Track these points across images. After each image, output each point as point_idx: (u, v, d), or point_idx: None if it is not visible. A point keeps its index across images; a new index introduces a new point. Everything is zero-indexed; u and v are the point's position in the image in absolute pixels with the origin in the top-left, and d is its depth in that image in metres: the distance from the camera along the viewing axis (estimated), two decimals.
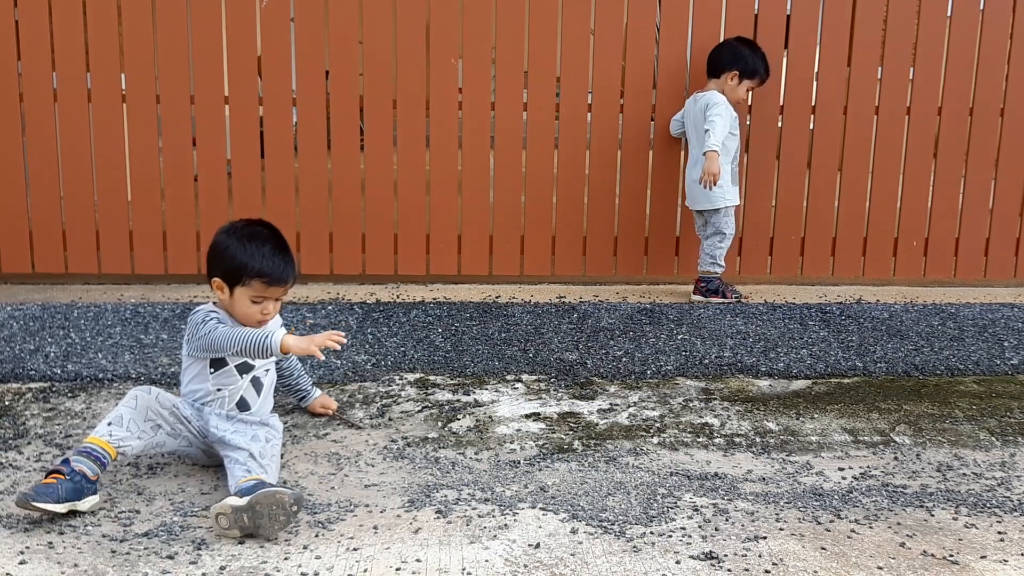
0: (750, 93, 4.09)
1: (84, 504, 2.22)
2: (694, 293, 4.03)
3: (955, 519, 2.34)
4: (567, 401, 3.05)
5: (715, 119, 3.81)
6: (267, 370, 2.59)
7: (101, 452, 2.28)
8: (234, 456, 2.36)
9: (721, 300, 3.97)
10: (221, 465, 2.44)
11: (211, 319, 2.46)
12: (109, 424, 2.33)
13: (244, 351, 2.41)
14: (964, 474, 2.60)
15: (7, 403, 2.91)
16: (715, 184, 3.80)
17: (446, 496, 2.39)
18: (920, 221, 4.36)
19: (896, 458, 2.70)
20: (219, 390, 2.50)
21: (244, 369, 2.52)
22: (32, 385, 3.06)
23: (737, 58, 3.96)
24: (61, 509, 2.18)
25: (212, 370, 2.50)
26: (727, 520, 2.29)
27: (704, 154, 3.80)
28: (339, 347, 2.43)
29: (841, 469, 2.62)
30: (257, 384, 2.54)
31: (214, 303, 2.54)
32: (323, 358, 2.57)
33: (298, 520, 2.24)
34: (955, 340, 3.64)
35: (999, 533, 2.27)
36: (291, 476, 2.49)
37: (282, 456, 2.60)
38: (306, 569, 2.02)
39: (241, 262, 2.44)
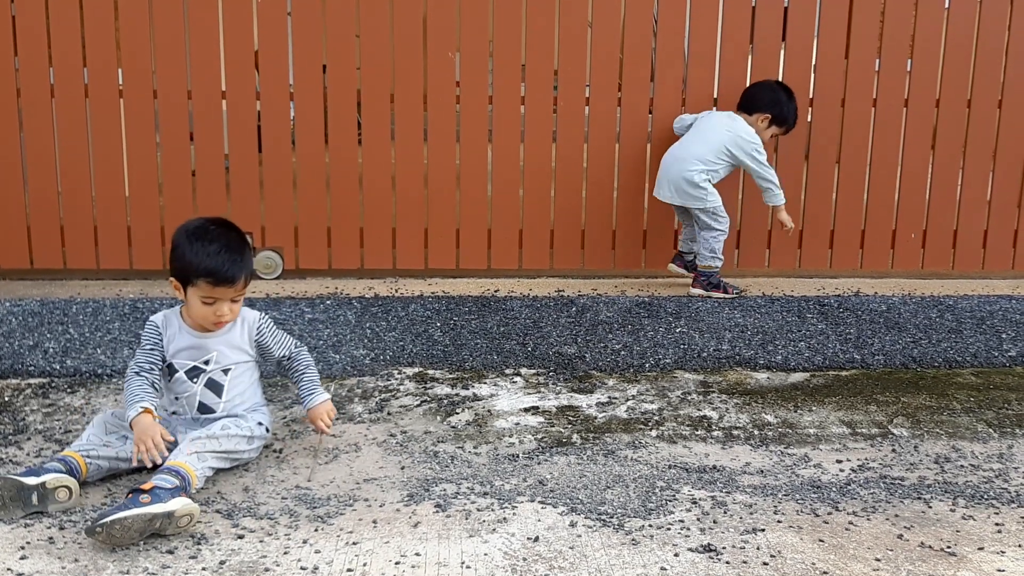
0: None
1: (47, 477, 2.22)
2: (693, 287, 4.02)
3: (953, 511, 2.34)
4: (566, 395, 3.05)
5: (766, 168, 3.90)
6: (226, 370, 2.52)
7: (66, 457, 2.32)
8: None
9: (722, 295, 3.96)
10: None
11: (146, 341, 2.48)
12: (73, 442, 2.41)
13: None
14: (962, 466, 2.61)
15: (6, 399, 2.92)
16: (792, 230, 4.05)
17: (445, 490, 2.39)
18: (918, 213, 4.36)
19: (894, 450, 2.70)
20: (177, 398, 2.51)
21: (194, 374, 2.49)
22: (31, 381, 3.06)
23: (774, 103, 3.95)
24: (30, 480, 2.21)
25: (168, 377, 2.51)
26: (725, 513, 2.30)
27: (774, 207, 3.99)
28: (151, 463, 2.30)
29: (839, 461, 2.62)
30: (214, 386, 2.51)
31: (181, 305, 2.53)
32: (140, 461, 2.32)
33: (297, 516, 2.25)
34: (953, 332, 3.64)
35: (996, 524, 2.28)
36: (289, 470, 2.50)
37: (280, 451, 2.60)
38: (306, 563, 2.03)
39: (187, 260, 2.40)
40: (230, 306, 2.46)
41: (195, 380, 2.49)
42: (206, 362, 2.50)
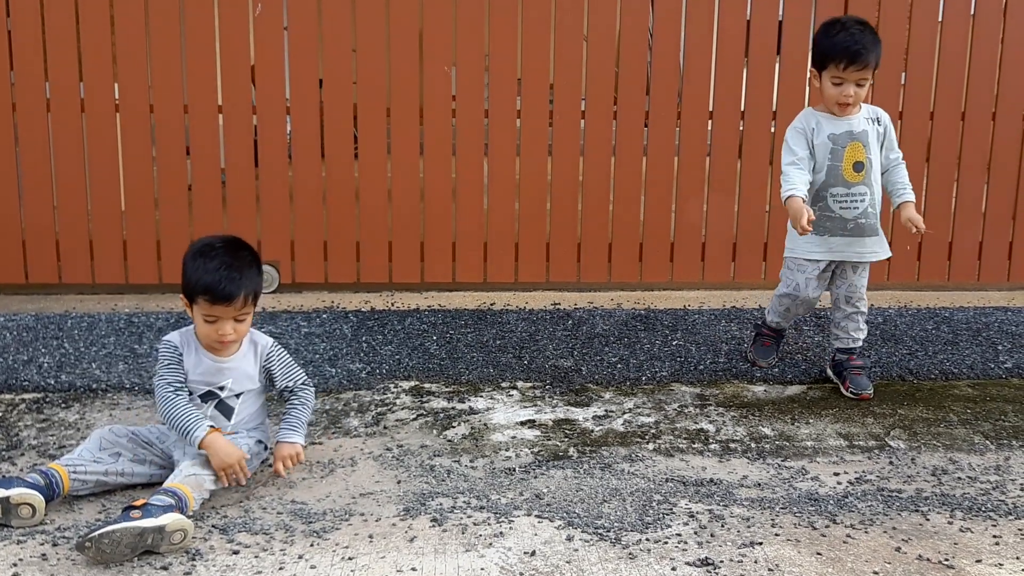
0: (855, 87, 3.01)
1: (12, 491, 2.21)
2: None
3: (950, 523, 2.34)
4: (562, 408, 3.05)
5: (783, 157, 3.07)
6: (239, 395, 2.50)
7: (49, 470, 2.30)
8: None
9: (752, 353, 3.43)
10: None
11: (166, 359, 2.44)
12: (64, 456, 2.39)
13: (169, 428, 2.41)
14: (959, 478, 2.61)
15: (0, 414, 2.91)
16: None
17: (441, 504, 2.39)
18: None
19: (891, 462, 2.70)
20: None
21: (208, 397, 2.47)
22: (25, 396, 3.05)
23: (812, 54, 3.10)
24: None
25: None
26: (723, 526, 2.29)
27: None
28: (239, 483, 2.38)
29: (836, 474, 2.62)
30: (224, 409, 2.49)
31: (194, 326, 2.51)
32: (224, 484, 2.37)
33: (293, 530, 2.24)
34: (949, 344, 3.64)
35: (994, 537, 2.27)
36: (285, 485, 2.49)
37: (272, 465, 2.59)
38: None
39: (188, 277, 2.40)
40: (234, 325, 2.43)
41: (207, 402, 2.47)
42: (221, 387, 2.49)
